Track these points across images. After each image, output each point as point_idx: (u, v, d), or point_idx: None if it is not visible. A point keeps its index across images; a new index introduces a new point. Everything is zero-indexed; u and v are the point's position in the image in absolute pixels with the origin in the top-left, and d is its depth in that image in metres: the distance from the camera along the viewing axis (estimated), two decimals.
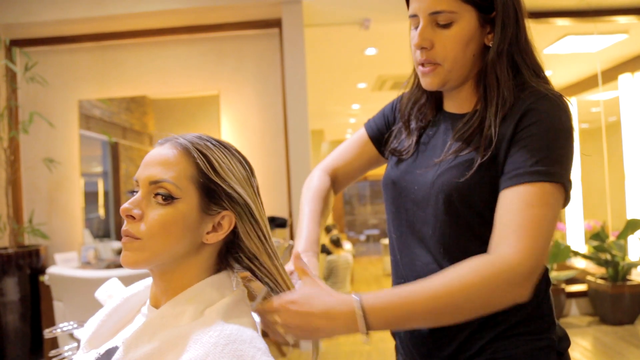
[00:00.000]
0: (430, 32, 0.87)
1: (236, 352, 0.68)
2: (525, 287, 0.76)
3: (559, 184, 0.79)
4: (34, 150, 3.92)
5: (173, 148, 0.76)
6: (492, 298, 0.77)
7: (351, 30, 4.10)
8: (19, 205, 3.88)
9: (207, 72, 3.92)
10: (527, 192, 0.79)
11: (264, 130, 3.89)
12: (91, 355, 0.81)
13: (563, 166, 0.81)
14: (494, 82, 0.87)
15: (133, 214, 0.73)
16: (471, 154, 0.87)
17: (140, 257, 0.74)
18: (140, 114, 4.14)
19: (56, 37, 3.89)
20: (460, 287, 0.75)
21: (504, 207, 0.81)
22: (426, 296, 0.76)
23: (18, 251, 3.45)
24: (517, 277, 0.75)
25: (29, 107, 3.88)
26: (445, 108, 0.98)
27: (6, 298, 3.38)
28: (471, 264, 0.78)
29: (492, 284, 0.75)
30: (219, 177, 0.76)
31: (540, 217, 0.77)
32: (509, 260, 0.76)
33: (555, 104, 0.83)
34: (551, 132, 0.81)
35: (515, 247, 0.76)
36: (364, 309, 0.75)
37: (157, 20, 3.74)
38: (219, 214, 0.77)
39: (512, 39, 0.87)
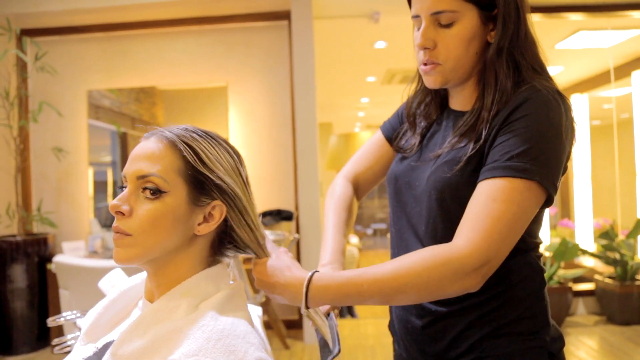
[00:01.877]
0: (432, 32, 0.87)
1: (229, 347, 0.68)
2: (474, 278, 0.77)
3: (532, 181, 0.78)
4: (43, 139, 3.94)
5: (159, 141, 0.76)
6: (438, 285, 0.77)
7: (361, 23, 4.07)
8: (27, 194, 3.91)
9: (216, 64, 3.92)
10: (494, 186, 0.79)
11: (271, 122, 3.89)
12: (89, 349, 0.81)
13: (543, 164, 0.78)
14: (492, 79, 0.87)
15: (122, 210, 0.73)
16: (462, 149, 0.87)
17: (132, 253, 0.73)
18: (149, 104, 4.15)
19: (66, 27, 3.90)
20: (406, 272, 0.77)
21: (472, 200, 0.81)
22: (374, 279, 0.78)
23: (26, 239, 3.48)
24: (465, 267, 0.76)
25: (38, 97, 3.90)
26: (450, 105, 0.99)
27: (14, 285, 3.41)
28: (423, 252, 0.79)
29: (438, 272, 0.76)
30: (207, 168, 0.76)
31: (500, 212, 0.77)
32: (458, 250, 0.77)
33: (547, 100, 0.81)
34: (536, 128, 0.79)
35: (467, 238, 0.77)
36: (310, 286, 0.79)
37: (166, 11, 3.73)
38: (208, 204, 0.77)
39: (513, 35, 0.86)
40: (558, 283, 3.66)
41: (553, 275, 3.67)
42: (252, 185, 0.81)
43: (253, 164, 3.89)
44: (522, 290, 0.87)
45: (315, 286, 0.79)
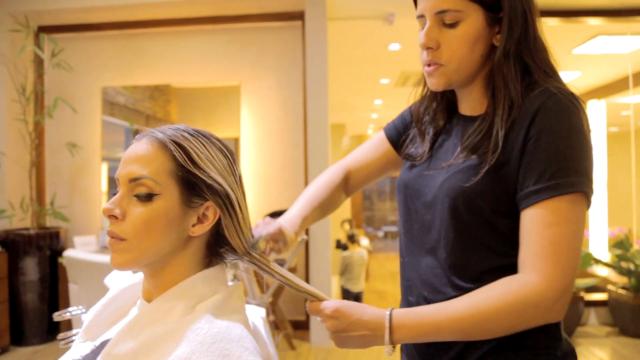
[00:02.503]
0: (436, 32, 0.86)
1: (222, 350, 0.67)
2: (556, 310, 0.76)
3: (578, 193, 0.77)
4: (57, 134, 4.00)
5: (149, 143, 0.75)
6: (520, 322, 0.77)
7: (375, 24, 4.05)
8: (41, 188, 3.97)
9: (229, 63, 3.93)
10: (544, 210, 0.77)
11: (283, 122, 3.89)
12: (87, 347, 0.82)
13: (580, 172, 0.77)
14: (500, 83, 0.85)
15: (115, 214, 0.72)
16: (479, 159, 0.84)
17: (127, 258, 0.73)
18: (163, 102, 4.18)
19: (82, 25, 3.95)
20: (486, 310, 0.76)
21: (525, 229, 0.79)
22: (453, 317, 0.77)
23: (39, 232, 3.53)
24: (546, 301, 0.75)
25: (54, 93, 3.95)
26: (459, 110, 0.97)
27: (26, 277, 3.46)
28: (500, 288, 0.78)
29: (518, 310, 0.76)
30: (198, 168, 0.75)
31: (561, 236, 0.75)
32: (534, 286, 0.75)
33: (564, 105, 0.79)
34: (563, 138, 0.77)
35: (539, 271, 0.76)
36: (392, 324, 0.79)
37: (180, 9, 3.76)
38: (202, 205, 0.76)
39: (520, 38, 0.84)
40: None
41: None
42: (262, 184, 0.82)
43: (264, 163, 3.89)
44: None
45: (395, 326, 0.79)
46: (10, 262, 3.44)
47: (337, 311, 0.82)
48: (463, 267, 0.86)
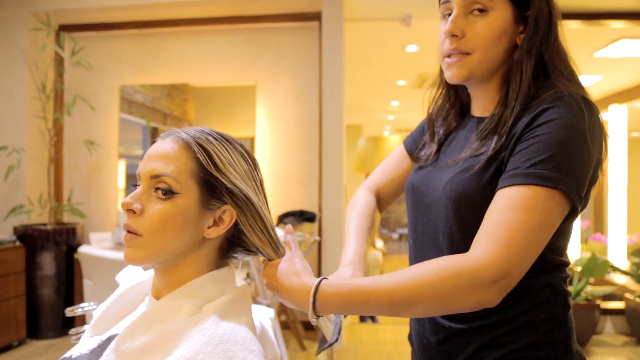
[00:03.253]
0: (463, 20, 0.84)
1: (227, 352, 0.68)
2: (491, 292, 0.71)
3: (556, 190, 0.73)
4: (76, 132, 4.06)
5: (174, 142, 0.76)
6: (452, 298, 0.72)
7: (392, 26, 4.04)
8: (59, 184, 4.03)
9: (245, 63, 3.95)
10: (515, 194, 0.74)
11: (298, 123, 3.89)
12: (94, 341, 0.83)
13: (567, 173, 0.74)
14: (517, 79, 0.84)
15: (134, 208, 0.73)
16: (482, 155, 0.83)
17: (142, 254, 0.74)
18: (180, 100, 4.21)
19: (102, 24, 4.01)
20: (419, 282, 0.72)
21: (490, 208, 0.77)
22: (383, 288, 0.73)
23: (56, 228, 3.59)
24: (482, 279, 0.70)
25: (73, 90, 4.01)
26: (472, 112, 0.95)
27: (43, 272, 3.52)
28: (438, 262, 0.74)
29: (453, 283, 0.71)
30: (220, 172, 0.76)
31: (521, 222, 0.72)
32: (475, 261, 0.71)
33: (571, 106, 0.77)
34: (560, 135, 0.75)
35: (485, 248, 0.72)
36: (318, 293, 0.75)
37: (198, 9, 3.78)
38: (219, 208, 0.77)
39: (543, 38, 0.84)
40: (586, 300, 3.53)
41: (581, 291, 3.55)
42: (276, 185, 0.81)
43: (278, 163, 3.90)
44: (542, 313, 0.82)
45: (322, 294, 0.75)
46: (28, 257, 3.50)
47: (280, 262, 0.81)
48: None
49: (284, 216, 3.74)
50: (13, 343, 3.39)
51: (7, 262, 3.31)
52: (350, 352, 3.46)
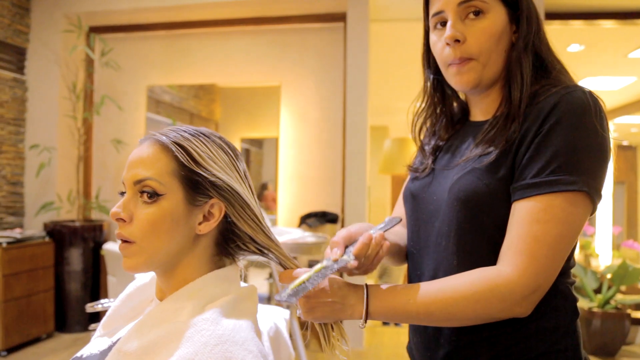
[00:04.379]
0: (460, 25, 0.83)
1: (225, 353, 0.67)
2: (523, 306, 0.74)
3: (580, 192, 0.73)
4: (104, 131, 4.15)
5: (151, 145, 0.77)
6: (484, 312, 0.75)
7: (418, 26, 3.97)
8: (88, 182, 4.13)
9: (270, 64, 3.96)
10: (536, 206, 0.74)
11: (322, 124, 3.89)
12: (105, 342, 0.84)
13: (584, 171, 0.73)
14: (518, 76, 0.82)
15: (122, 217, 0.74)
16: (490, 155, 0.81)
17: (138, 261, 0.75)
18: (208, 101, 4.26)
19: (131, 25, 4.09)
20: (453, 297, 0.75)
21: (513, 220, 0.77)
22: (420, 300, 0.76)
23: (84, 225, 3.68)
24: (514, 295, 0.73)
25: (102, 91, 4.11)
26: (470, 118, 0.95)
27: (70, 267, 3.61)
28: (470, 276, 0.76)
29: (486, 299, 0.74)
30: (200, 166, 0.76)
31: (545, 234, 0.73)
32: (505, 277, 0.73)
33: (580, 100, 0.76)
34: (572, 135, 0.74)
35: (514, 264, 0.74)
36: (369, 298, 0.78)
37: (224, 10, 3.82)
38: (206, 203, 0.77)
39: (535, 35, 0.85)
40: (615, 308, 3.42)
41: (610, 299, 3.44)
42: (299, 185, 0.80)
43: (302, 164, 3.90)
44: (551, 322, 0.80)
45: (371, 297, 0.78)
46: (57, 252, 3.59)
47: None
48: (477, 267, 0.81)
49: (306, 217, 3.73)
50: (42, 336, 3.49)
51: (37, 257, 3.40)
52: (371, 355, 3.43)
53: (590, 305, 3.44)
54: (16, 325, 3.23)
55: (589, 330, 3.37)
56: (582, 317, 3.41)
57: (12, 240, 3.23)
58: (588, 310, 3.39)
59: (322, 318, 0.81)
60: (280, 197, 3.91)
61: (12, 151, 3.80)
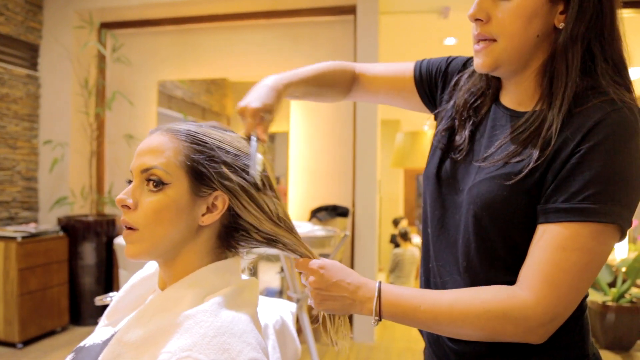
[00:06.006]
0: (488, 3, 0.76)
1: (223, 345, 0.67)
2: (537, 334, 0.70)
3: (610, 225, 0.68)
4: (116, 126, 4.18)
5: (161, 136, 0.78)
6: (494, 333, 0.72)
7: (429, 18, 3.95)
8: (101, 177, 4.17)
9: (281, 57, 3.96)
10: (564, 232, 0.69)
11: (332, 117, 3.87)
12: (108, 332, 0.85)
13: (620, 202, 0.68)
14: (562, 71, 0.74)
15: (127, 204, 0.75)
16: (521, 163, 0.74)
17: (140, 248, 0.76)
18: (219, 95, 4.27)
19: (141, 20, 4.10)
20: (464, 312, 0.72)
21: (537, 243, 0.72)
22: (430, 308, 0.74)
23: (97, 219, 3.72)
24: (528, 321, 0.69)
25: (114, 86, 4.14)
26: (502, 101, 0.85)
27: (84, 262, 3.66)
28: (487, 293, 0.73)
29: (498, 321, 0.71)
30: (207, 158, 0.77)
31: (571, 263, 0.69)
32: (523, 303, 0.70)
33: (630, 121, 0.69)
34: (614, 160, 0.67)
35: (534, 291, 0.69)
36: (381, 298, 0.76)
37: (234, 4, 3.82)
38: (210, 195, 0.78)
39: (591, 21, 0.73)
40: (630, 302, 3.37)
41: (625, 293, 3.39)
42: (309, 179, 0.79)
43: (312, 158, 3.90)
44: None
45: (385, 299, 0.77)
46: (71, 247, 3.64)
47: (323, 267, 0.80)
48: (477, 275, 0.80)
49: (317, 211, 3.73)
50: (57, 329, 3.55)
51: (51, 251, 3.45)
52: (383, 349, 3.43)
53: (605, 299, 3.40)
54: (32, 318, 3.28)
55: (603, 324, 3.33)
56: (596, 311, 3.37)
57: (27, 235, 3.28)
58: (602, 304, 3.35)
59: (332, 310, 0.81)
60: (290, 191, 3.92)
61: (27, 147, 3.85)
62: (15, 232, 3.29)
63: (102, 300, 1.22)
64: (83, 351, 0.80)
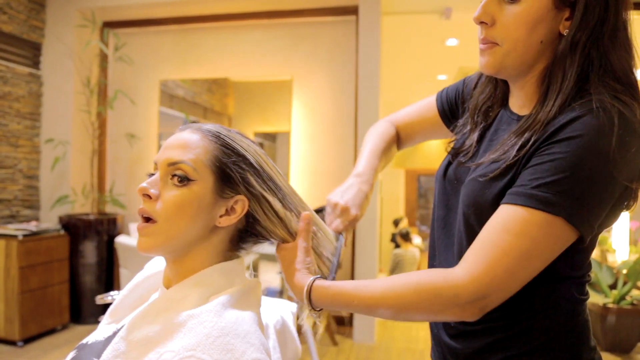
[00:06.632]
0: (494, 7, 0.76)
1: (227, 345, 0.68)
2: (468, 311, 0.71)
3: (557, 217, 0.67)
4: (118, 125, 4.19)
5: (192, 132, 0.79)
6: (427, 313, 0.74)
7: (431, 19, 3.95)
8: (102, 176, 4.17)
9: (282, 57, 3.96)
10: (511, 215, 0.70)
11: (334, 117, 3.87)
12: (110, 329, 0.85)
13: (576, 200, 0.67)
14: (559, 77, 0.74)
15: (150, 193, 0.75)
16: (499, 162, 0.76)
17: (155, 242, 0.75)
18: (221, 95, 4.28)
19: (143, 20, 4.11)
20: (398, 294, 0.73)
21: (487, 223, 0.73)
22: (366, 294, 0.75)
23: (98, 218, 3.72)
24: (458, 299, 0.70)
25: (115, 85, 4.14)
26: (509, 105, 0.87)
27: (85, 260, 3.66)
28: (418, 276, 0.74)
29: (428, 301, 0.72)
30: (235, 162, 0.78)
31: (510, 246, 0.69)
32: (453, 281, 0.71)
33: (601, 122, 0.67)
34: (578, 156, 0.67)
35: (467, 269, 0.70)
36: (312, 289, 0.78)
37: (236, 4, 3.82)
38: (232, 198, 0.78)
39: (595, 29, 0.72)
40: (631, 304, 3.37)
41: (626, 295, 3.39)
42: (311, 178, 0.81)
43: (313, 157, 3.90)
44: (545, 320, 0.78)
45: (315, 292, 0.79)
46: (72, 245, 3.64)
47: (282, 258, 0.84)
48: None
49: (318, 211, 3.71)
50: (57, 327, 3.55)
51: (52, 249, 3.46)
52: (383, 349, 3.43)
53: (606, 301, 3.39)
54: (32, 316, 3.29)
55: (603, 327, 3.33)
56: (596, 313, 3.36)
57: (28, 233, 3.28)
58: (603, 306, 3.34)
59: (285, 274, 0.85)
60: None
61: (28, 145, 3.85)
62: (16, 230, 3.29)
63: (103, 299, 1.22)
64: (85, 348, 0.81)
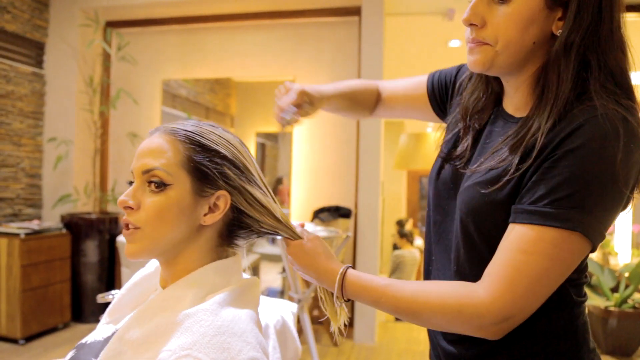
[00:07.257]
0: (484, 7, 0.74)
1: (223, 344, 0.68)
2: (491, 331, 0.72)
3: (575, 232, 0.67)
4: (120, 124, 4.19)
5: (161, 137, 0.79)
6: (449, 327, 0.76)
7: (434, 20, 3.95)
8: (104, 175, 4.18)
9: (285, 58, 3.96)
10: (527, 234, 0.69)
11: (336, 118, 3.87)
12: (109, 329, 0.85)
13: (589, 212, 0.67)
14: (553, 81, 0.72)
15: (129, 205, 0.76)
16: (501, 170, 0.75)
17: (141, 247, 0.76)
18: (223, 95, 4.28)
19: (147, 19, 4.12)
20: (422, 303, 0.75)
21: (504, 242, 0.73)
22: (393, 295, 0.77)
23: (100, 217, 3.73)
24: (481, 319, 0.71)
25: (118, 85, 4.15)
26: (503, 105, 0.85)
27: (86, 259, 3.67)
28: (447, 288, 0.75)
29: (453, 316, 0.73)
30: (207, 158, 0.77)
31: (528, 266, 0.69)
32: (478, 301, 0.71)
33: (606, 129, 0.66)
34: (585, 169, 0.66)
35: (490, 291, 0.70)
36: (344, 282, 0.81)
37: (240, 4, 3.82)
38: (213, 195, 0.78)
39: (589, 30, 0.70)
40: (632, 307, 3.36)
41: (627, 298, 3.38)
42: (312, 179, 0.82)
43: (315, 159, 3.90)
44: (544, 323, 0.77)
45: (346, 280, 0.81)
46: (73, 244, 3.65)
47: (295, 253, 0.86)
48: (467, 279, 0.79)
49: (319, 211, 3.73)
50: (58, 325, 3.56)
51: (54, 248, 3.46)
52: (384, 351, 3.43)
53: (607, 304, 3.38)
54: (34, 314, 3.29)
55: (605, 330, 3.32)
56: (598, 316, 3.35)
57: (30, 232, 3.29)
58: (605, 309, 3.33)
59: (304, 271, 0.87)
60: (293, 192, 3.92)
61: (31, 144, 3.86)
62: (18, 228, 3.30)
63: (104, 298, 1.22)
64: (84, 348, 0.81)
